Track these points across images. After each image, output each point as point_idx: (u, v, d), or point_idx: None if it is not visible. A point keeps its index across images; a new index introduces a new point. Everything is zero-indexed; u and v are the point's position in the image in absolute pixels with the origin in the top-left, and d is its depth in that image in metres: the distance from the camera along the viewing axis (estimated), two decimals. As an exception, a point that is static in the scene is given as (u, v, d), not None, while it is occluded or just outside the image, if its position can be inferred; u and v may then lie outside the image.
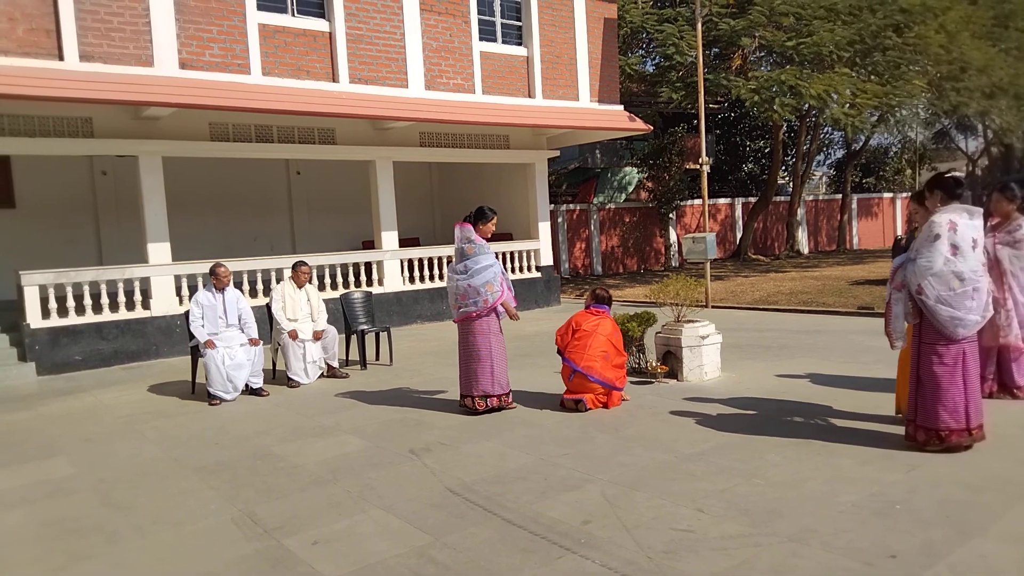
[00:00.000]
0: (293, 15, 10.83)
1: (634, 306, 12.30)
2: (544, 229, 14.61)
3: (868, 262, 20.60)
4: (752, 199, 25.26)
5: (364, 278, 12.40)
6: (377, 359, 9.21)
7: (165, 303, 10.34)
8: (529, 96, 13.37)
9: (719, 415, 5.81)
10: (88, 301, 9.80)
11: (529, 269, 14.36)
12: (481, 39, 12.80)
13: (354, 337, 9.03)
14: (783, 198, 26.47)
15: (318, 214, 15.48)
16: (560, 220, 20.49)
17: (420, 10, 11.90)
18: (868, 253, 24.57)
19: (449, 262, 13.22)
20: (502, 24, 13.20)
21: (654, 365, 7.12)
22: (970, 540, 3.41)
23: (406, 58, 11.80)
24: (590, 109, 14.09)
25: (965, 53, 18.19)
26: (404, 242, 13.86)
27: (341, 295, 9.36)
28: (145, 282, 10.27)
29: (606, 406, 6.16)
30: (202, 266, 10.23)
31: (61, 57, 8.94)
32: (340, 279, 11.98)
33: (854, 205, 27.90)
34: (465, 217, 6.36)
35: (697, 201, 23.43)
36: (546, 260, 14.60)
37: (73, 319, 9.64)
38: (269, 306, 8.28)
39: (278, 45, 10.62)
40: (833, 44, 16.35)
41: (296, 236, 15.25)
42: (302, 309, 8.20)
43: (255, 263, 11.17)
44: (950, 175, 4.74)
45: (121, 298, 10.02)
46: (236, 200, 14.29)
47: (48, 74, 8.74)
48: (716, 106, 25.28)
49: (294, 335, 7.90)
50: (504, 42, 13.21)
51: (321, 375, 8.24)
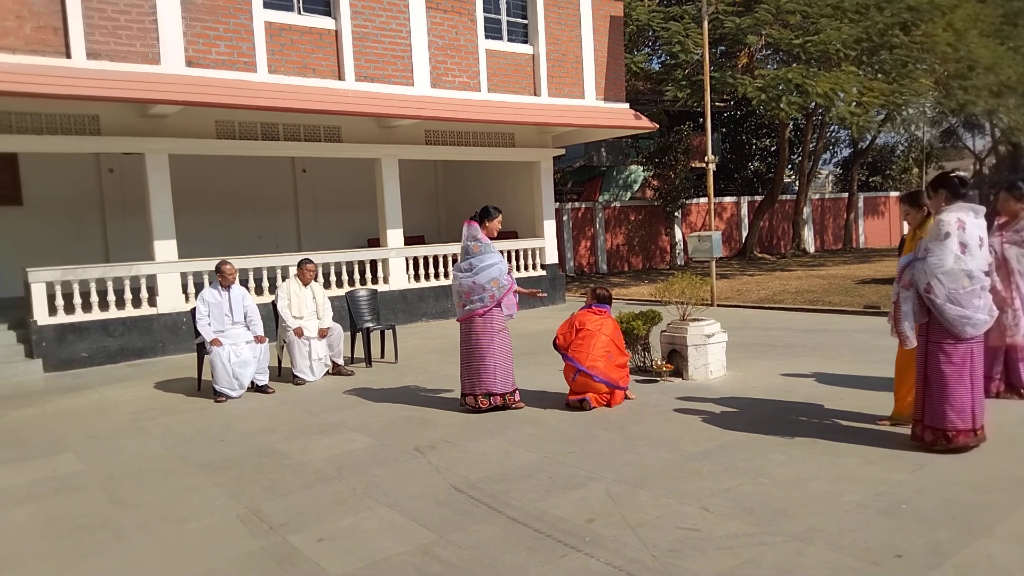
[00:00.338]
0: (299, 13, 10.84)
1: (639, 304, 12.29)
2: (549, 227, 14.60)
3: (874, 261, 20.54)
4: (758, 197, 25.20)
5: (369, 276, 12.43)
6: (382, 357, 9.22)
7: (171, 300, 10.37)
8: (535, 94, 13.36)
9: (724, 414, 5.80)
10: (95, 298, 9.83)
11: (534, 267, 14.35)
12: (487, 37, 12.79)
13: (359, 335, 9.05)
14: (789, 197, 26.40)
15: (324, 212, 15.51)
16: (565, 218, 20.48)
17: (426, 8, 11.90)
18: (874, 252, 24.48)
19: (455, 260, 13.36)
20: (508, 22, 13.19)
21: (659, 364, 7.11)
22: (977, 540, 3.40)
23: (412, 56, 11.80)
24: (596, 107, 14.07)
25: (973, 51, 18.10)
26: (409, 240, 13.86)
27: (346, 293, 9.38)
28: (151, 279, 10.30)
29: (609, 405, 6.15)
30: (208, 263, 10.26)
31: (68, 55, 8.98)
32: (345, 277, 11.99)
33: (860, 204, 27.80)
34: (472, 216, 6.37)
35: (703, 199, 23.38)
36: (551, 258, 14.60)
37: (80, 316, 9.68)
38: (275, 304, 8.30)
39: (284, 43, 10.64)
40: (840, 42, 16.28)
41: (302, 234, 15.28)
42: (307, 307, 8.21)
43: (261, 261, 11.20)
44: (955, 174, 4.75)
45: (127, 295, 10.06)
46: (242, 198, 14.34)
47: (55, 72, 8.77)
48: (722, 104, 25.20)
49: (299, 333, 7.91)
50: (510, 40, 13.20)
51: (326, 373, 8.25)
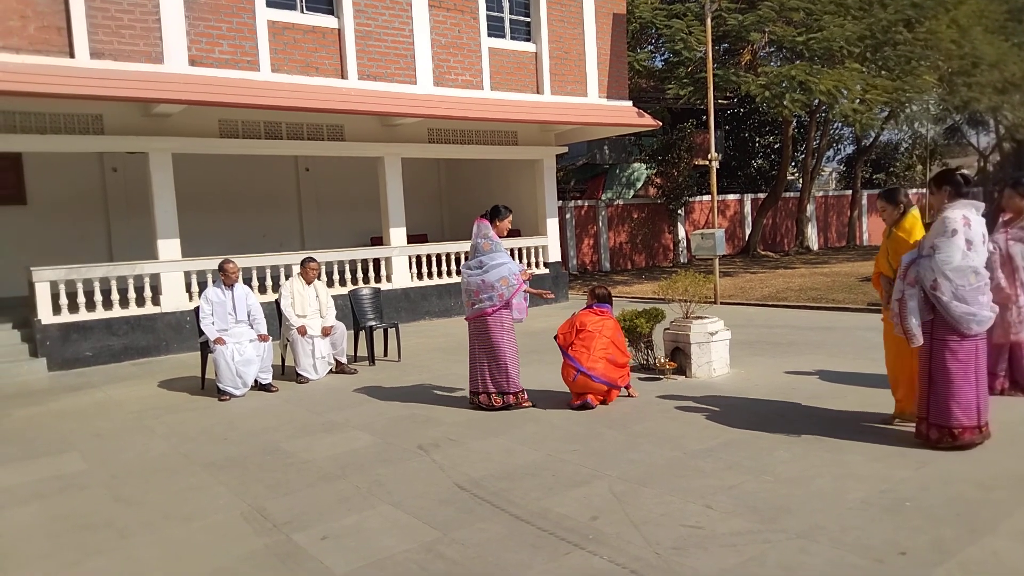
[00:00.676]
0: (302, 12, 10.84)
1: (642, 302, 12.28)
2: (552, 225, 14.60)
3: (878, 258, 20.46)
4: (761, 195, 25.14)
5: (372, 274, 12.43)
6: (385, 355, 9.23)
7: (175, 299, 10.38)
8: (537, 92, 13.35)
9: (728, 412, 5.79)
10: (98, 297, 9.85)
11: (537, 265, 14.35)
12: (490, 35, 12.78)
13: (363, 333, 9.05)
14: (792, 194, 26.35)
15: (327, 210, 15.52)
16: (568, 216, 20.46)
17: (429, 6, 11.89)
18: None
19: (458, 258, 13.38)
20: (511, 20, 13.18)
21: (663, 361, 7.11)
22: (981, 538, 3.39)
23: (415, 54, 11.80)
24: (599, 105, 14.06)
25: (977, 48, 18.04)
26: (412, 238, 13.86)
27: (350, 291, 9.39)
28: (155, 278, 10.32)
29: (605, 402, 6.15)
30: (212, 262, 10.27)
31: (72, 54, 8.99)
32: (349, 275, 12.00)
33: (864, 201, 27.72)
34: (483, 213, 6.35)
35: (706, 197, 23.36)
36: (554, 256, 14.59)
37: (84, 315, 9.70)
38: (278, 302, 8.31)
39: (287, 42, 10.65)
40: (843, 39, 16.24)
41: (305, 232, 15.29)
42: (311, 305, 8.22)
43: (264, 259, 11.21)
44: (959, 172, 4.72)
45: (131, 294, 10.07)
46: (245, 197, 14.35)
47: (59, 71, 8.78)
48: (725, 102, 25.20)
49: (303, 331, 7.92)
50: (513, 38, 13.19)
51: (330, 371, 8.26)
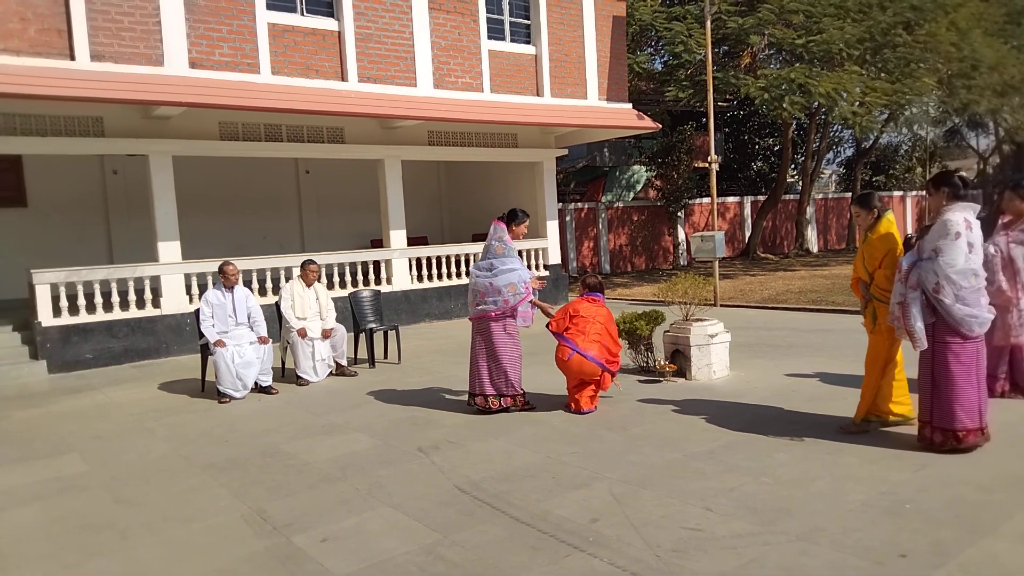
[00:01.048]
0: (302, 14, 10.85)
1: (642, 305, 12.29)
2: (552, 228, 14.61)
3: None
4: (761, 197, 25.16)
5: (373, 277, 12.43)
6: (385, 357, 9.23)
7: (175, 301, 10.39)
8: (537, 95, 13.36)
9: (727, 414, 5.79)
10: (99, 299, 9.85)
11: (537, 268, 14.35)
12: (489, 38, 12.79)
13: (363, 335, 9.05)
14: (792, 196, 26.34)
15: (327, 213, 15.52)
16: (568, 219, 20.47)
17: (429, 9, 11.91)
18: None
19: (458, 261, 13.39)
20: (510, 23, 13.19)
21: (662, 364, 7.11)
22: (981, 540, 3.40)
23: (415, 57, 11.82)
24: (598, 107, 14.07)
25: (976, 50, 18.04)
26: (412, 241, 13.87)
27: (350, 293, 9.39)
28: (155, 280, 10.32)
29: (598, 387, 6.13)
30: (212, 265, 10.26)
31: (72, 57, 9.00)
32: (349, 278, 11.99)
33: (864, 203, 27.72)
34: (500, 216, 6.35)
35: (706, 199, 23.36)
36: (554, 259, 14.60)
37: (84, 317, 9.70)
38: (278, 304, 8.32)
39: (287, 44, 10.66)
40: (843, 42, 16.25)
41: (305, 235, 15.29)
42: (311, 307, 8.22)
43: (264, 262, 11.21)
44: (957, 173, 4.70)
45: (131, 296, 10.07)
46: (245, 199, 14.35)
47: (60, 74, 8.79)
48: (725, 104, 25.21)
49: (303, 333, 7.92)
50: (512, 41, 13.21)
51: (330, 373, 8.26)
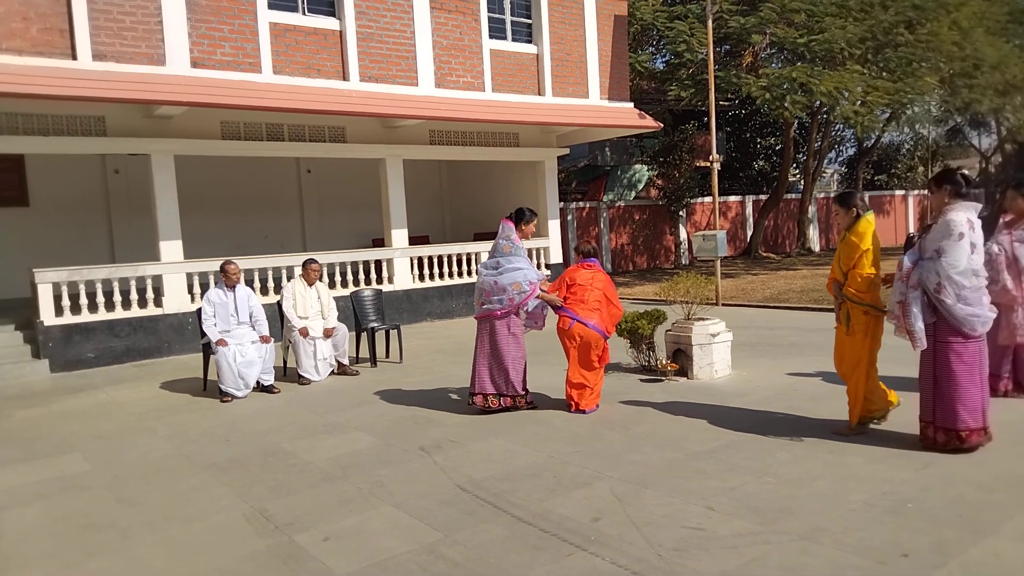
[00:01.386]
0: (304, 14, 10.85)
1: (644, 304, 12.28)
2: (554, 227, 14.61)
3: (881, 259, 20.44)
4: (763, 196, 25.13)
5: (374, 276, 12.44)
6: (387, 356, 9.23)
7: (177, 300, 10.39)
8: (539, 94, 13.36)
9: (729, 413, 5.79)
10: (101, 299, 9.87)
11: (539, 267, 14.35)
12: (491, 37, 12.79)
13: (364, 334, 9.06)
14: (794, 195, 26.32)
15: (328, 212, 15.53)
16: (570, 218, 20.47)
17: (430, 8, 11.91)
18: (880, 250, 24.36)
19: (460, 260, 13.39)
20: (512, 22, 13.18)
21: (664, 363, 7.10)
22: (983, 539, 3.39)
23: (416, 56, 11.81)
24: (600, 107, 14.07)
25: (978, 49, 18.03)
26: (414, 240, 13.87)
27: (351, 293, 9.39)
28: (157, 280, 10.33)
29: (600, 361, 6.14)
30: (213, 264, 10.27)
31: (74, 56, 9.01)
32: (350, 277, 12.00)
33: (866, 202, 27.69)
34: (508, 215, 6.34)
35: (707, 199, 23.34)
36: (556, 258, 14.59)
37: (86, 316, 9.71)
38: (280, 304, 8.32)
39: (289, 44, 10.66)
40: (845, 41, 16.23)
41: (306, 234, 15.30)
42: (312, 307, 8.23)
43: (266, 261, 11.22)
44: (959, 171, 4.65)
45: (133, 296, 10.08)
46: (247, 198, 14.37)
47: (62, 73, 8.80)
48: (727, 103, 25.18)
49: (305, 332, 7.92)
50: (514, 40, 13.20)
51: (331, 372, 8.27)
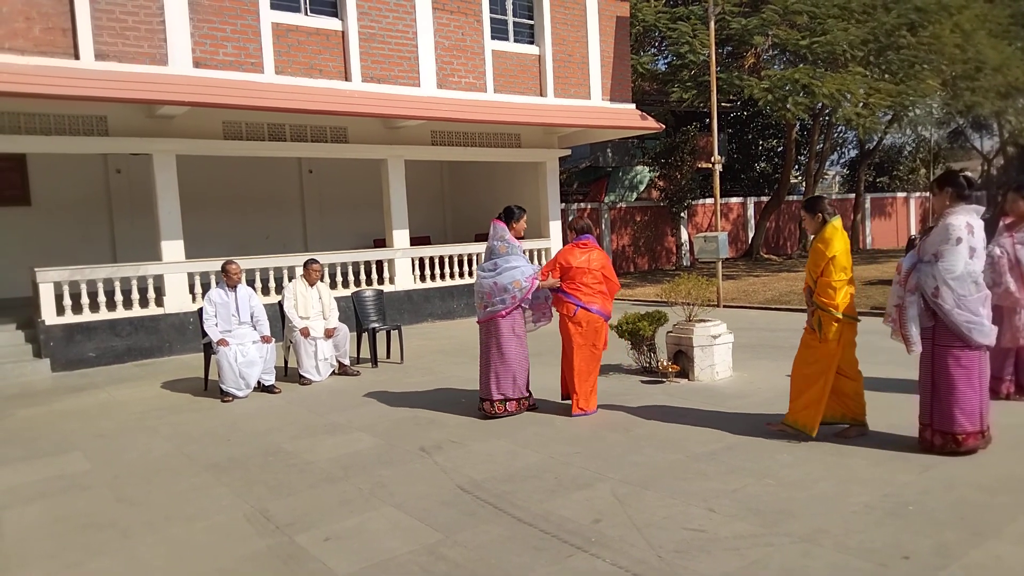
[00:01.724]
0: (306, 14, 10.86)
1: (645, 305, 12.27)
2: (555, 228, 14.61)
3: (881, 262, 20.45)
4: (764, 198, 25.12)
5: (375, 276, 12.44)
6: (388, 357, 9.23)
7: (178, 300, 10.40)
8: (541, 95, 13.36)
9: (730, 415, 5.79)
10: (102, 298, 9.88)
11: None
12: (493, 38, 12.79)
13: (365, 335, 9.06)
14: (796, 197, 26.31)
15: (330, 212, 15.54)
16: (571, 219, 20.46)
17: (432, 9, 11.91)
18: (881, 253, 24.38)
19: (461, 260, 13.39)
20: (514, 23, 13.19)
21: (665, 365, 7.10)
22: (985, 542, 3.39)
23: (418, 57, 11.82)
24: (602, 108, 14.07)
25: (981, 52, 18.02)
26: (415, 240, 13.88)
27: (352, 293, 9.39)
28: (158, 279, 10.34)
29: (603, 344, 6.16)
30: (215, 264, 10.27)
31: (77, 56, 9.01)
32: (351, 277, 12.00)
33: (867, 205, 27.68)
34: (497, 215, 6.32)
35: (709, 200, 23.33)
36: (557, 259, 14.57)
37: (87, 316, 9.71)
38: (281, 304, 8.33)
39: (291, 44, 10.67)
40: (847, 43, 16.23)
41: (308, 234, 15.31)
42: (314, 307, 8.23)
43: (267, 261, 11.22)
44: (962, 173, 4.61)
45: (135, 295, 10.08)
46: (249, 198, 14.38)
47: (64, 73, 8.81)
48: (728, 105, 25.17)
49: (306, 333, 7.93)
50: (516, 41, 13.21)
51: (332, 373, 8.27)
